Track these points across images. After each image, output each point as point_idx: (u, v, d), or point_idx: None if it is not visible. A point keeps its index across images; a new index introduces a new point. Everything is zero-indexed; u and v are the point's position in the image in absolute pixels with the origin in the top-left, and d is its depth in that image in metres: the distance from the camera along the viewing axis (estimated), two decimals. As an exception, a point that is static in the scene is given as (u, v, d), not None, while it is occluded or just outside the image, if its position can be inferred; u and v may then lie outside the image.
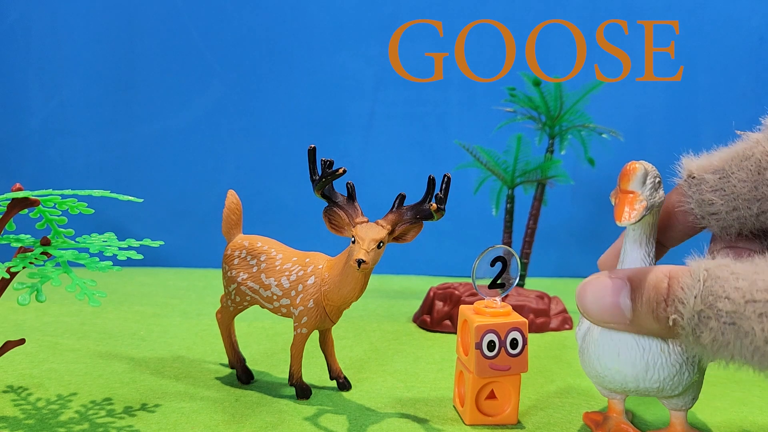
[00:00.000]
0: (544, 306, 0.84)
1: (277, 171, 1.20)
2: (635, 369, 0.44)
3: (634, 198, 0.41)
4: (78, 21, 1.17)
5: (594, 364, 0.46)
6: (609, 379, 0.46)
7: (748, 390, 0.65)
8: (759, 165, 0.41)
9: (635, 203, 0.41)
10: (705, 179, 0.43)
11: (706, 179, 0.43)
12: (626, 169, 0.42)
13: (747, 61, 1.18)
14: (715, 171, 0.43)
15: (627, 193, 0.41)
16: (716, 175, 0.43)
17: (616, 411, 0.52)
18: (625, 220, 0.40)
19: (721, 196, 0.43)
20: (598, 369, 0.46)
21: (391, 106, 1.20)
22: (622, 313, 0.40)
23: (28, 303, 0.41)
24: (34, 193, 0.47)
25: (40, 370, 0.63)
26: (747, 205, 0.42)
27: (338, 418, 0.54)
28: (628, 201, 0.41)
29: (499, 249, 0.53)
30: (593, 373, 0.47)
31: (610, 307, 0.40)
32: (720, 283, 0.35)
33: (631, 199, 0.41)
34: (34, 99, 1.19)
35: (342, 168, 0.52)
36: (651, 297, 0.38)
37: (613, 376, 0.45)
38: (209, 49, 1.19)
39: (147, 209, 1.19)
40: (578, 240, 1.22)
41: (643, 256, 0.44)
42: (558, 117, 0.89)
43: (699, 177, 0.44)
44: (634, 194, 0.41)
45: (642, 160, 0.43)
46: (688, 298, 0.36)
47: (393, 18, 1.18)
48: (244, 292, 0.59)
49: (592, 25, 1.17)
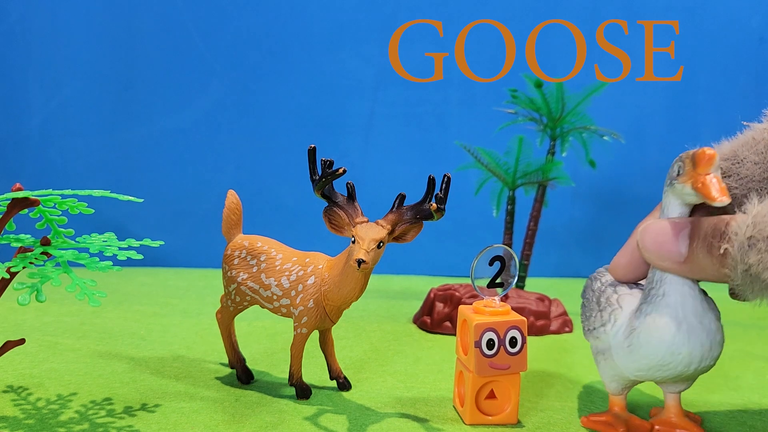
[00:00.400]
0: (544, 308, 0.84)
1: (277, 171, 1.21)
2: (703, 348, 0.45)
3: (719, 179, 0.43)
4: (78, 21, 1.17)
5: (658, 354, 0.46)
6: (672, 366, 0.46)
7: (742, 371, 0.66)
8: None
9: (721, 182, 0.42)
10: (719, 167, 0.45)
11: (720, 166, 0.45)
12: (706, 155, 0.43)
13: (747, 61, 1.18)
14: (727, 158, 0.46)
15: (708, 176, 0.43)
16: (728, 162, 0.45)
17: (621, 406, 0.53)
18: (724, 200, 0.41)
19: (736, 180, 0.45)
20: (665, 358, 0.46)
21: (391, 106, 1.20)
22: (679, 252, 0.43)
23: (28, 303, 0.41)
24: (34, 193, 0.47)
25: (40, 370, 0.63)
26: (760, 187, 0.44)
27: (338, 418, 0.54)
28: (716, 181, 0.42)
29: (498, 248, 0.53)
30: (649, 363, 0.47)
31: (669, 244, 0.44)
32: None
33: (717, 179, 0.42)
34: (34, 99, 1.19)
35: (342, 168, 0.51)
36: (708, 233, 0.42)
37: (680, 361, 0.46)
38: (209, 49, 1.19)
39: (147, 209, 1.19)
40: (579, 241, 1.22)
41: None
42: (559, 119, 0.89)
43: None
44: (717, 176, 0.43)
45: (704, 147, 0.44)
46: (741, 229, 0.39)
47: (393, 18, 1.18)
48: (244, 292, 0.59)
49: (592, 25, 1.17)
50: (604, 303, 0.51)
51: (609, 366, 0.51)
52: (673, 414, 0.52)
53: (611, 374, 0.51)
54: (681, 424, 0.51)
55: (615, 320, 0.49)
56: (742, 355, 0.74)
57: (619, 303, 0.50)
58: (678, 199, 0.46)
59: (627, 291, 0.50)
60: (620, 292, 0.51)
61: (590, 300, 0.54)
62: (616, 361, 0.49)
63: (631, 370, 0.48)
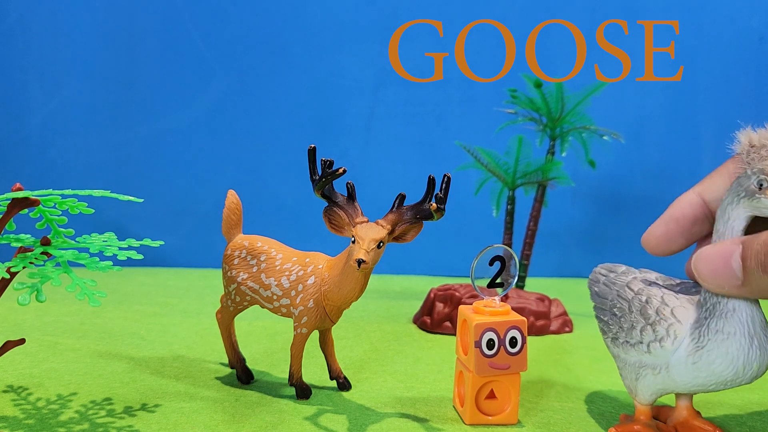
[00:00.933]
0: (544, 308, 0.84)
1: (277, 171, 1.20)
2: (764, 355, 0.45)
3: None
4: (78, 21, 1.17)
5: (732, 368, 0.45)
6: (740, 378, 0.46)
7: None
8: None
9: None
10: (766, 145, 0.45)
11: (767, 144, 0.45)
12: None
13: (747, 61, 1.18)
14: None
15: None
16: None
17: (647, 415, 0.51)
18: None
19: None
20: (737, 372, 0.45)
21: (391, 106, 1.20)
22: (734, 274, 0.43)
23: (28, 303, 0.41)
24: (34, 193, 0.47)
25: (40, 369, 0.63)
26: None
27: (338, 418, 0.54)
28: None
29: (498, 248, 0.53)
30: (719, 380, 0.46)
31: (723, 268, 0.43)
32: None
33: None
34: (34, 99, 1.19)
35: (342, 168, 0.51)
36: (760, 251, 0.41)
37: (750, 374, 0.45)
38: (209, 49, 1.19)
39: (147, 209, 1.19)
40: (579, 241, 1.22)
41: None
42: (559, 119, 0.89)
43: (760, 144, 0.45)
44: None
45: None
46: None
47: (393, 18, 1.18)
48: (244, 292, 0.59)
49: (592, 25, 1.17)
50: (654, 316, 0.48)
51: (660, 381, 0.48)
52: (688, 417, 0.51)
53: (658, 388, 0.49)
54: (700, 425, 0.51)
55: (675, 336, 0.47)
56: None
57: (675, 316, 0.47)
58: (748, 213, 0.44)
59: (676, 302, 0.48)
60: (671, 304, 0.48)
61: (625, 309, 0.50)
62: (674, 377, 0.47)
63: (690, 385, 0.47)
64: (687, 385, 0.47)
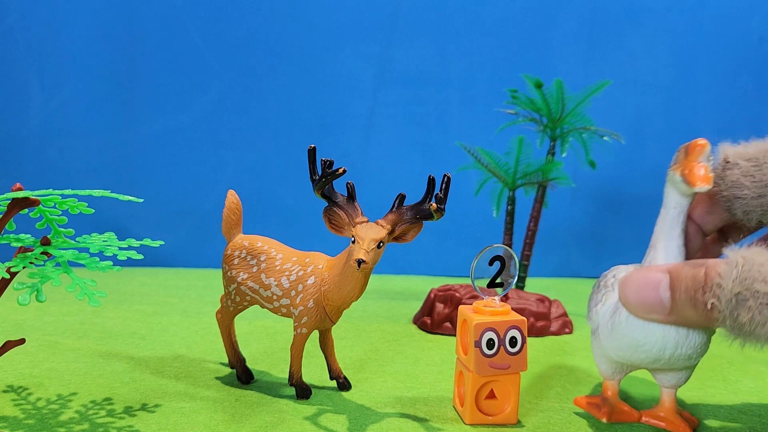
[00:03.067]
0: (544, 309, 0.84)
1: (277, 171, 1.21)
2: (678, 333, 0.46)
3: (706, 167, 0.44)
4: (78, 21, 1.17)
5: (634, 334, 0.47)
6: (648, 345, 0.47)
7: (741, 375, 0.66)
8: None
9: (707, 169, 0.44)
10: (739, 164, 0.46)
11: (740, 164, 0.46)
12: (696, 143, 0.45)
13: (747, 61, 1.18)
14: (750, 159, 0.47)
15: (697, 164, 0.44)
16: (750, 163, 0.46)
17: (612, 391, 0.55)
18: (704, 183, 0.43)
19: (751, 181, 0.46)
20: (639, 338, 0.47)
21: (391, 106, 1.20)
22: (662, 304, 0.43)
23: (28, 303, 0.41)
24: (34, 193, 0.47)
25: (40, 369, 0.63)
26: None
27: (338, 418, 0.54)
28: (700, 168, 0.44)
29: (498, 248, 0.53)
30: (627, 343, 0.48)
31: (651, 298, 0.44)
32: (757, 268, 0.38)
33: (703, 166, 0.44)
34: (34, 99, 1.19)
35: (342, 168, 0.51)
36: (689, 286, 0.41)
37: (655, 342, 0.46)
38: (209, 49, 1.19)
39: (147, 209, 1.19)
40: (579, 242, 1.22)
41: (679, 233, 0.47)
42: (559, 119, 0.89)
43: (733, 162, 0.47)
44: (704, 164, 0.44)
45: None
46: (726, 282, 0.39)
47: (393, 18, 1.18)
48: (244, 292, 0.59)
49: (592, 25, 1.17)
50: (602, 285, 0.53)
51: (597, 345, 0.53)
52: (664, 409, 0.53)
53: (599, 354, 0.53)
54: (669, 418, 0.53)
55: (605, 300, 0.51)
56: (741, 359, 0.74)
57: (612, 286, 0.51)
58: (673, 189, 0.47)
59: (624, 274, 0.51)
60: (617, 276, 0.52)
61: (595, 285, 0.55)
62: (602, 341, 0.51)
63: (613, 350, 0.50)
64: (611, 349, 0.50)
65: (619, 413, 0.54)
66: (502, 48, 1.18)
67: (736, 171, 0.46)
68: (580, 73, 1.17)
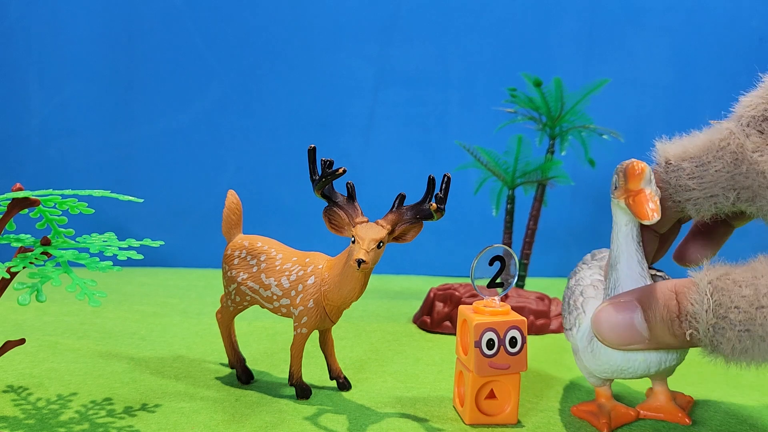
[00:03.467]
0: (544, 307, 0.84)
1: (277, 171, 1.21)
2: (660, 353, 0.46)
3: (651, 195, 0.42)
4: (78, 21, 1.17)
5: (616, 359, 0.47)
6: (632, 369, 0.47)
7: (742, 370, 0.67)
8: (735, 157, 0.43)
9: (653, 198, 0.42)
10: (682, 167, 0.45)
11: (684, 167, 0.45)
12: (633, 169, 0.43)
13: (747, 61, 1.18)
14: (692, 159, 0.45)
15: (640, 192, 0.42)
16: (693, 163, 0.45)
17: (606, 396, 0.55)
18: (654, 217, 0.41)
19: (699, 183, 0.44)
20: (620, 363, 0.47)
21: (391, 106, 1.20)
22: (640, 335, 0.43)
23: (28, 303, 0.41)
24: (34, 193, 0.47)
25: (40, 369, 0.63)
26: (724, 194, 0.43)
27: (338, 418, 0.54)
28: (649, 198, 0.42)
29: (498, 248, 0.53)
30: (611, 368, 0.48)
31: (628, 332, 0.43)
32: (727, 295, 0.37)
33: (648, 196, 0.42)
34: (34, 99, 1.19)
35: (342, 168, 0.52)
36: (664, 316, 0.41)
37: (638, 366, 0.46)
38: (209, 50, 1.19)
39: (147, 209, 1.19)
40: (578, 240, 1.22)
41: (636, 248, 0.46)
42: (559, 118, 0.89)
43: (676, 164, 0.45)
44: (648, 192, 0.42)
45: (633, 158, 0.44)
46: (700, 314, 0.38)
47: (393, 18, 1.18)
48: (244, 292, 0.59)
49: (592, 24, 1.17)
50: (572, 306, 0.52)
51: (581, 365, 0.53)
52: (659, 400, 0.53)
53: (585, 372, 0.53)
54: (666, 407, 0.53)
55: (579, 325, 0.51)
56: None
57: (582, 307, 0.51)
58: (621, 211, 0.46)
59: (592, 294, 0.51)
60: (585, 295, 0.51)
61: (564, 299, 0.55)
62: (583, 362, 0.51)
63: (598, 372, 0.50)
64: (595, 370, 0.50)
65: (617, 417, 0.53)
66: (502, 48, 1.18)
67: (681, 174, 0.45)
68: (580, 73, 1.16)
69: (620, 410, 0.54)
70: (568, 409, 0.57)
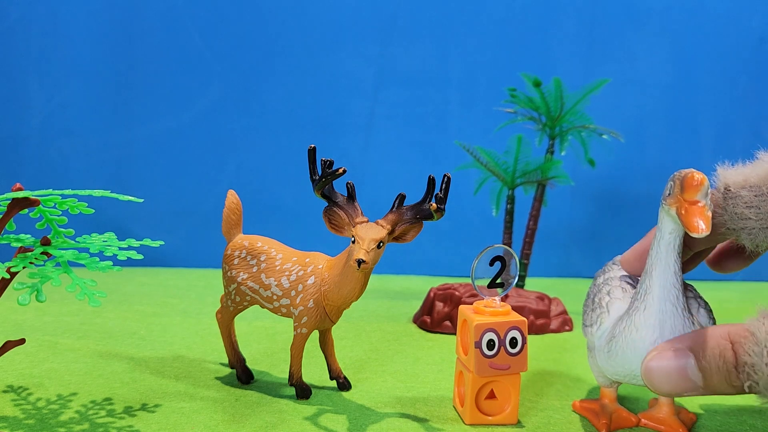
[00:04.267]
0: (544, 307, 0.84)
1: (277, 171, 1.21)
2: None
3: (704, 208, 0.41)
4: (78, 21, 1.17)
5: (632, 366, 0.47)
6: None
7: None
8: None
9: (705, 213, 0.41)
10: (741, 195, 0.44)
11: (742, 195, 0.44)
12: (692, 179, 0.42)
13: (747, 61, 1.18)
14: (752, 188, 0.44)
15: (693, 203, 0.42)
16: (752, 192, 0.44)
17: (611, 398, 0.55)
18: (703, 232, 0.40)
19: (756, 213, 0.43)
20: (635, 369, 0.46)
21: (391, 106, 1.20)
22: (695, 385, 0.42)
23: (28, 303, 0.41)
24: (34, 193, 0.47)
25: (40, 369, 0.63)
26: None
27: (338, 418, 0.54)
28: (698, 212, 0.41)
29: (498, 248, 0.53)
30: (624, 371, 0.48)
31: (682, 382, 0.42)
32: None
33: (701, 210, 0.41)
34: (34, 99, 1.19)
35: (342, 168, 0.52)
36: (720, 366, 0.40)
37: None
38: (209, 49, 1.19)
39: (147, 209, 1.19)
40: (578, 240, 1.22)
41: (675, 259, 0.46)
42: (558, 118, 0.89)
43: (735, 191, 0.44)
44: (703, 205, 0.42)
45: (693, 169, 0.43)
46: (760, 367, 0.38)
47: (393, 18, 1.18)
48: (244, 292, 0.59)
49: (592, 25, 1.17)
50: (597, 303, 0.52)
51: (593, 363, 0.53)
52: (662, 411, 0.53)
53: (596, 371, 0.53)
54: (668, 421, 0.53)
55: (601, 323, 0.50)
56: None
57: (607, 307, 0.50)
58: (668, 217, 0.45)
59: (619, 296, 0.51)
60: (612, 296, 0.51)
61: (589, 295, 0.54)
62: (598, 361, 0.51)
63: (610, 373, 0.50)
64: (608, 371, 0.49)
65: (618, 420, 0.53)
66: (502, 48, 1.18)
67: (739, 202, 0.44)
68: (580, 73, 1.16)
69: (622, 414, 0.54)
70: (568, 409, 0.57)
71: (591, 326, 0.51)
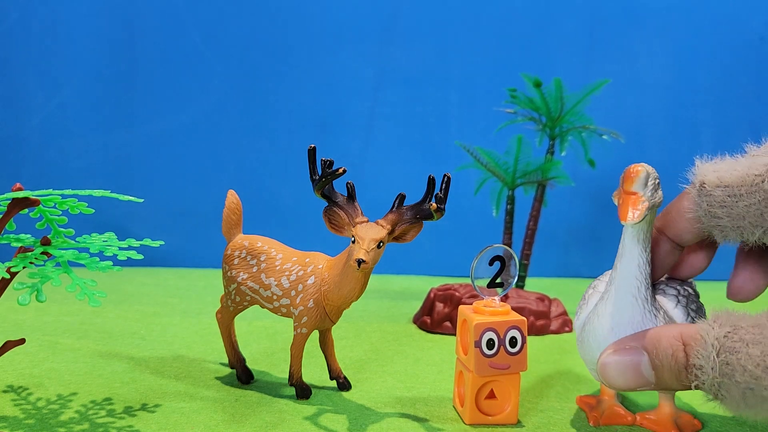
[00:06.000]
0: (544, 308, 0.84)
1: (277, 171, 1.21)
2: None
3: (637, 199, 0.44)
4: (78, 21, 1.17)
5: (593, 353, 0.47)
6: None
7: None
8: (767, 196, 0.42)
9: (638, 204, 0.43)
10: (714, 193, 0.44)
11: (715, 194, 0.44)
12: (629, 172, 0.44)
13: (747, 61, 1.18)
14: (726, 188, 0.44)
15: (630, 194, 0.44)
16: (725, 192, 0.44)
17: (608, 394, 0.56)
18: (630, 220, 0.43)
19: (728, 213, 0.43)
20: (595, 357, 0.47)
21: (391, 106, 1.20)
22: (647, 381, 0.43)
23: (28, 303, 0.41)
24: (34, 193, 0.47)
25: (40, 369, 0.63)
26: (751, 229, 0.43)
27: (338, 418, 0.54)
28: (632, 202, 0.43)
29: (498, 248, 0.53)
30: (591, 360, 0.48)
31: (635, 378, 0.43)
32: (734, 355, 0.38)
33: (634, 200, 0.43)
34: (34, 99, 1.19)
35: (342, 168, 0.52)
36: (672, 366, 0.41)
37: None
38: (210, 49, 1.19)
39: (147, 209, 1.19)
40: (578, 241, 1.22)
41: (640, 251, 0.46)
42: (558, 118, 0.89)
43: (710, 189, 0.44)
44: (637, 195, 0.44)
45: (643, 163, 0.45)
46: (706, 370, 0.39)
47: (393, 18, 1.18)
48: (244, 292, 0.59)
49: (592, 25, 1.17)
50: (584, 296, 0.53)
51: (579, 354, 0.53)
52: (660, 414, 0.53)
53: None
54: (663, 423, 0.52)
55: (579, 314, 0.51)
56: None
57: (588, 299, 0.51)
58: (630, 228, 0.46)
59: (601, 289, 0.51)
60: (595, 289, 0.52)
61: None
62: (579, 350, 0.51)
63: (588, 361, 0.50)
64: (586, 359, 0.50)
65: (611, 416, 0.54)
66: (502, 48, 1.18)
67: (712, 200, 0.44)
68: (580, 73, 1.16)
69: (616, 410, 0.54)
70: (568, 409, 0.57)
71: (576, 317, 0.52)
